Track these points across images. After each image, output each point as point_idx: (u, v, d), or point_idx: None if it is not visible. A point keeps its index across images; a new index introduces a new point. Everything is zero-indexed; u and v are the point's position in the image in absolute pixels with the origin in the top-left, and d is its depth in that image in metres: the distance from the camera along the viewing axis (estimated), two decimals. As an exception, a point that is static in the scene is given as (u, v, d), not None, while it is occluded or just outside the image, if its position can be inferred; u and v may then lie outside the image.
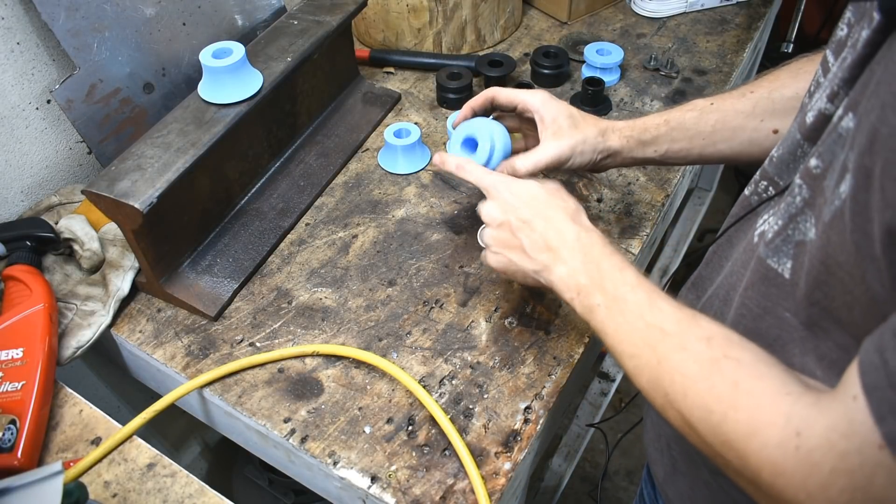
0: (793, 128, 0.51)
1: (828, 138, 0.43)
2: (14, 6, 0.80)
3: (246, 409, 0.72)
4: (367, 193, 0.95)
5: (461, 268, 0.85)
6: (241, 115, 0.81)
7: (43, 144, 0.89)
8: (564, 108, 0.73)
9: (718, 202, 2.22)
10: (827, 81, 0.46)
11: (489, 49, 1.21)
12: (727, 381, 0.43)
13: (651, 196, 0.92)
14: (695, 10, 1.25)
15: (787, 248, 0.46)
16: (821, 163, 0.43)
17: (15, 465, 0.64)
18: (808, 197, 0.44)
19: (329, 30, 0.94)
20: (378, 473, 0.67)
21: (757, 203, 0.55)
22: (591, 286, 0.56)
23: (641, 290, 0.52)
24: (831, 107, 0.45)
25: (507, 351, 0.76)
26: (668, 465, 0.66)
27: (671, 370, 0.47)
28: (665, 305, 0.50)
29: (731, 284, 0.55)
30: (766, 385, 0.42)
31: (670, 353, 0.47)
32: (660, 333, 0.49)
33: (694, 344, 0.46)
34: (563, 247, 0.59)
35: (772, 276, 0.48)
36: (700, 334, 0.47)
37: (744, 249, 0.54)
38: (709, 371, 0.44)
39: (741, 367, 0.43)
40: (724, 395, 0.43)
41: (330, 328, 0.79)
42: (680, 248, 1.83)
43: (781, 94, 0.67)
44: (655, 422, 0.68)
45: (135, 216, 0.71)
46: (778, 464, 0.39)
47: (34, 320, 0.72)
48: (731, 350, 0.45)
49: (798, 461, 0.38)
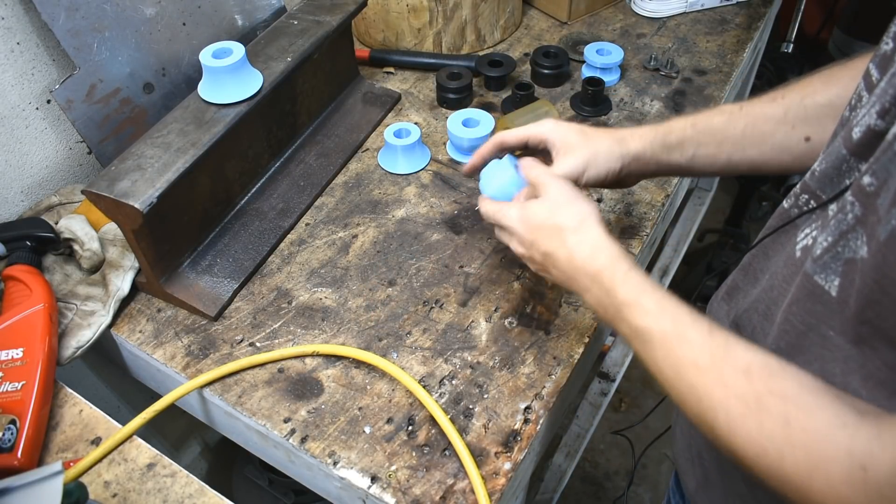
0: (837, 142, 0.50)
1: (882, 156, 0.41)
2: (14, 6, 0.80)
3: (246, 409, 0.72)
4: (367, 193, 0.95)
5: (461, 268, 0.85)
6: (241, 115, 0.81)
7: (43, 144, 0.89)
8: (574, 127, 0.72)
9: (718, 202, 2.22)
10: (875, 97, 0.45)
11: (489, 49, 1.21)
12: (776, 420, 0.42)
13: (651, 196, 0.92)
14: (695, 10, 1.25)
15: (836, 266, 0.45)
16: (875, 180, 0.42)
17: (15, 465, 0.64)
18: (860, 214, 0.43)
19: (329, 30, 0.94)
20: (378, 473, 0.67)
21: (797, 215, 0.53)
22: (616, 318, 0.55)
23: (665, 320, 0.50)
24: (882, 123, 0.44)
25: (507, 351, 0.76)
26: (699, 477, 0.65)
27: (714, 409, 0.45)
28: (694, 335, 0.48)
29: (773, 299, 0.53)
30: (819, 420, 0.41)
31: (710, 391, 0.46)
32: (694, 370, 0.47)
33: (733, 379, 0.45)
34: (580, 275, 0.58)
35: (818, 293, 0.46)
36: (737, 365, 0.45)
37: (785, 263, 0.52)
38: (755, 410, 0.43)
39: (788, 402, 0.42)
40: (776, 434, 0.42)
41: (330, 328, 0.79)
42: (680, 248, 1.83)
43: (814, 101, 0.64)
44: (686, 432, 0.67)
45: (135, 216, 0.71)
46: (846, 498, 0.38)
47: (34, 320, 0.72)
48: (773, 383, 0.44)
49: (867, 496, 0.37)
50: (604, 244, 0.58)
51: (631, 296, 0.53)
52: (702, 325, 0.49)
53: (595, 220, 0.60)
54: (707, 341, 0.47)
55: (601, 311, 0.57)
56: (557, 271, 0.61)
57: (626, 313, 0.53)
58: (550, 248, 0.61)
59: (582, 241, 0.59)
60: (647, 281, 0.54)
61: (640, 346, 0.52)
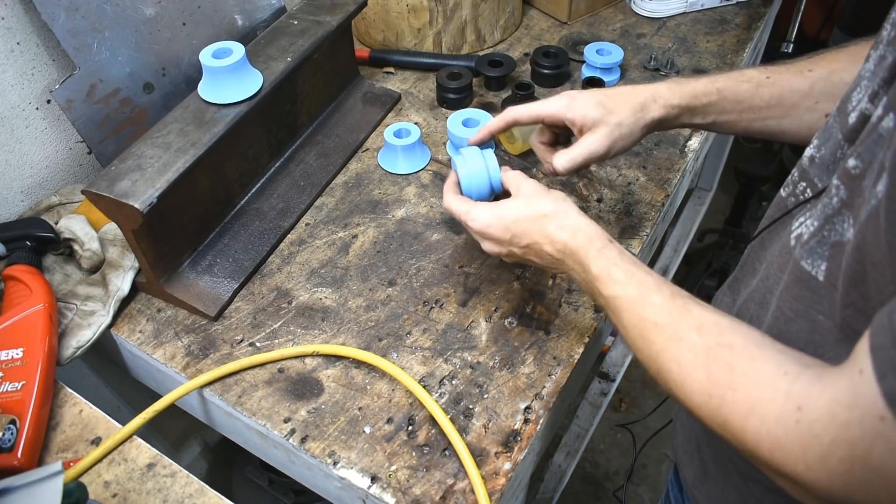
0: (833, 129, 0.50)
1: (867, 138, 0.42)
2: (14, 6, 0.80)
3: (246, 409, 0.72)
4: (367, 193, 0.95)
5: (461, 268, 0.85)
6: (241, 115, 0.81)
7: (43, 144, 0.89)
8: (591, 99, 0.69)
9: (718, 202, 2.22)
10: (868, 81, 0.46)
11: (489, 49, 1.21)
12: (722, 367, 0.44)
13: (651, 196, 0.92)
14: (695, 10, 1.25)
15: (823, 250, 0.46)
16: (860, 163, 0.42)
17: (15, 465, 0.64)
18: (845, 197, 0.44)
19: (329, 30, 0.94)
20: (378, 473, 0.67)
21: (793, 205, 0.55)
22: (594, 291, 0.58)
23: (632, 286, 0.54)
24: (871, 107, 0.45)
25: (507, 351, 0.76)
26: (698, 469, 0.66)
27: (668, 361, 0.48)
28: (657, 298, 0.52)
29: (768, 288, 0.54)
30: (761, 366, 0.43)
31: (666, 345, 0.49)
32: (654, 328, 0.50)
33: (686, 334, 0.48)
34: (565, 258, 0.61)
35: (805, 279, 0.48)
36: (691, 323, 0.48)
37: (780, 252, 0.54)
38: (704, 360, 0.46)
39: (735, 351, 0.45)
40: (721, 379, 0.44)
41: (330, 328, 0.79)
42: (680, 248, 1.83)
43: (841, 78, 0.64)
44: (686, 425, 0.68)
45: (135, 216, 0.71)
46: (777, 437, 0.40)
47: (34, 320, 0.72)
48: (722, 336, 0.46)
49: (798, 434, 0.38)
50: (581, 225, 0.61)
51: (603, 269, 0.56)
52: (664, 290, 0.52)
53: (570, 205, 0.63)
54: (667, 303, 0.51)
55: (584, 286, 0.60)
56: (541, 259, 0.64)
57: (599, 285, 0.57)
58: (532, 239, 0.63)
59: (562, 226, 0.61)
60: (619, 254, 0.57)
61: (613, 314, 0.56)
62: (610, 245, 0.58)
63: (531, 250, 0.64)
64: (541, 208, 0.63)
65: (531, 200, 0.64)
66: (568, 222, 0.61)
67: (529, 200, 0.64)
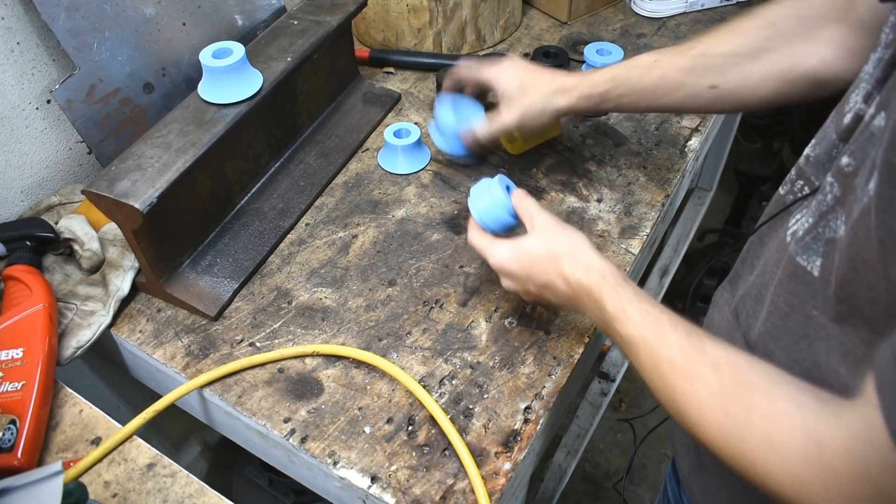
0: (829, 128, 0.51)
1: (860, 137, 0.43)
2: (14, 6, 0.80)
3: (246, 409, 0.72)
4: (367, 193, 0.95)
5: (461, 268, 0.85)
6: (241, 115, 0.81)
7: (43, 144, 0.89)
8: (515, 77, 0.81)
9: (718, 202, 2.22)
10: (863, 83, 0.47)
11: (489, 49, 1.21)
12: (740, 407, 0.44)
13: (651, 196, 0.92)
14: (695, 10, 1.25)
15: (817, 246, 0.46)
16: (852, 161, 0.43)
17: (15, 465, 0.64)
18: (839, 195, 0.44)
19: (329, 30, 0.94)
20: (378, 473, 0.67)
21: (791, 202, 0.55)
22: (610, 329, 0.58)
23: (647, 325, 0.54)
24: (865, 107, 0.46)
25: (507, 351, 0.76)
26: (693, 461, 0.66)
27: (686, 400, 0.48)
28: (672, 336, 0.51)
29: (764, 283, 0.55)
30: (779, 405, 0.43)
31: (682, 384, 0.49)
32: (670, 367, 0.50)
33: (702, 373, 0.48)
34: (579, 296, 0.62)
35: (801, 274, 0.48)
36: (707, 361, 0.48)
37: (776, 248, 0.54)
38: (721, 399, 0.46)
39: (752, 391, 0.44)
40: (739, 419, 0.44)
41: (330, 328, 0.79)
42: (680, 248, 1.83)
43: (719, 51, 0.70)
44: None
45: (135, 216, 0.71)
46: (800, 475, 0.40)
47: (34, 320, 0.72)
48: (739, 375, 0.46)
49: (819, 470, 0.39)
50: (595, 264, 0.61)
51: (618, 308, 0.56)
52: (680, 328, 0.52)
53: (585, 244, 0.63)
54: (682, 342, 0.50)
55: (600, 324, 0.61)
56: (557, 297, 0.65)
57: (616, 324, 0.56)
58: (547, 279, 0.64)
59: (576, 265, 0.62)
60: (634, 293, 0.57)
61: (629, 352, 0.56)
62: (625, 284, 0.58)
63: (547, 289, 0.64)
64: (555, 247, 0.64)
65: (546, 239, 0.65)
66: (581, 260, 0.62)
67: (544, 239, 0.65)
